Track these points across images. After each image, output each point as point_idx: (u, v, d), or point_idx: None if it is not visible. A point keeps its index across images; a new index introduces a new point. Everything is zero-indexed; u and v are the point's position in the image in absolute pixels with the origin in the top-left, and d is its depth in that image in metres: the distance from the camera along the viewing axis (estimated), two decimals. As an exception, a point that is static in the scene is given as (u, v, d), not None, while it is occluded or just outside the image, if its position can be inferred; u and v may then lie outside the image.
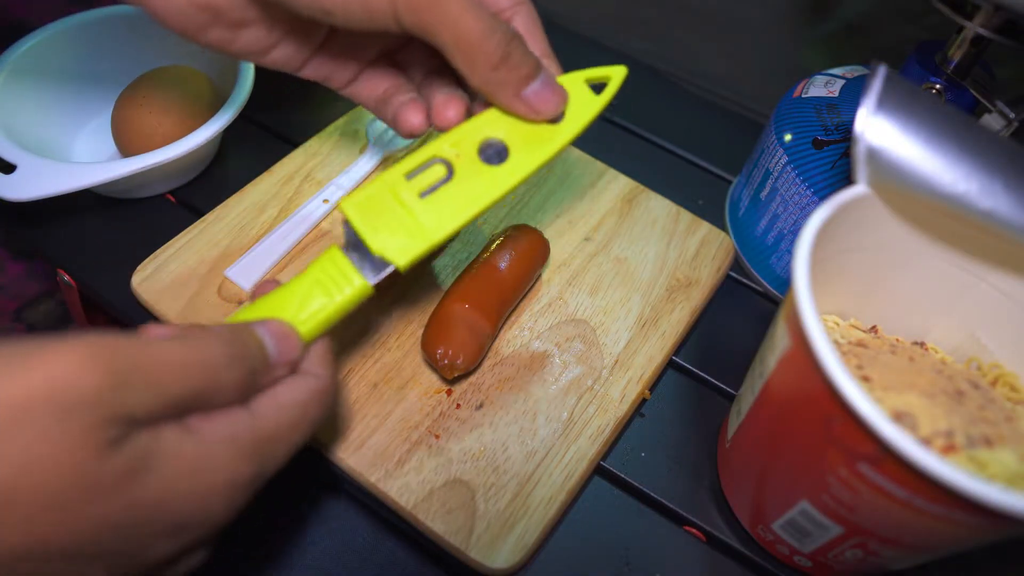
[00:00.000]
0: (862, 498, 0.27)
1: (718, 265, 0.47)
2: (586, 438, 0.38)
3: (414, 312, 0.41)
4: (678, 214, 0.49)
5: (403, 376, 0.39)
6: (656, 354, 0.42)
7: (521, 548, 0.34)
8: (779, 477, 0.32)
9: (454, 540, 0.33)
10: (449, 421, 0.37)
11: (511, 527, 0.34)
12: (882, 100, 0.30)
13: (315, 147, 0.49)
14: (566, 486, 0.36)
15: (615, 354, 0.41)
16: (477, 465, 0.36)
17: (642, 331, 0.42)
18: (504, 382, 0.39)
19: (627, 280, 0.45)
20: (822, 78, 0.46)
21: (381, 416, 0.37)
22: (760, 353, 0.33)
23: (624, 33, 0.67)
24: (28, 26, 0.46)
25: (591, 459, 0.37)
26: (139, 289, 0.40)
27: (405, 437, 0.36)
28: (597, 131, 0.57)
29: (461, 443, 0.36)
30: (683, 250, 0.47)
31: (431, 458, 0.36)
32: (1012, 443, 0.29)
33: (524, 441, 0.37)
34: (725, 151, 0.56)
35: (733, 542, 0.37)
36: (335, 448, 0.36)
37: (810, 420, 0.28)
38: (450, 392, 0.38)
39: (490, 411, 0.38)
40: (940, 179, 0.29)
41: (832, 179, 0.42)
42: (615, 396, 0.39)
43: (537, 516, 0.35)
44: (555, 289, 0.44)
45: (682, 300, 0.44)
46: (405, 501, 0.34)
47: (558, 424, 0.38)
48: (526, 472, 0.36)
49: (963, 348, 0.36)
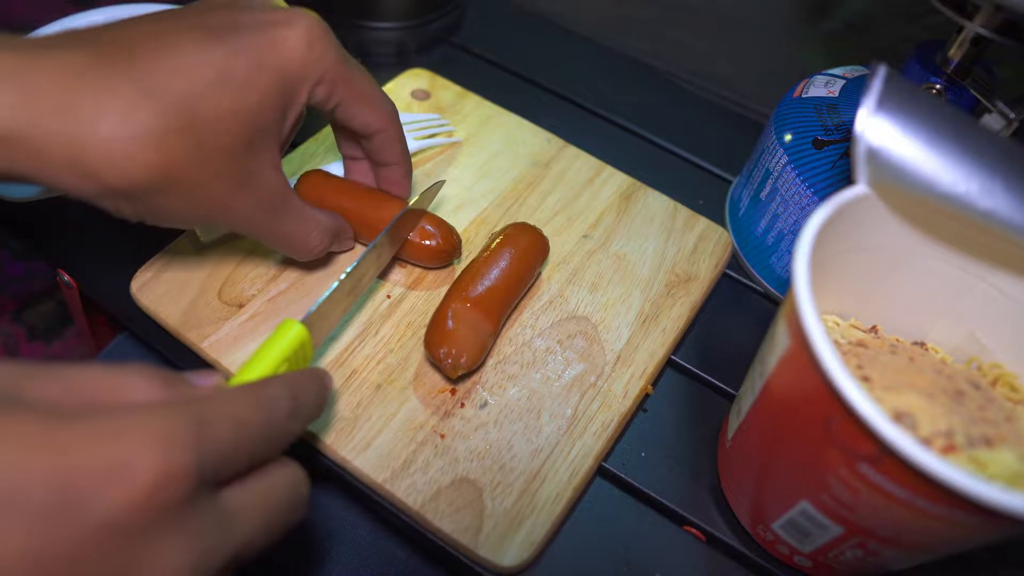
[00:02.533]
0: (862, 498, 0.27)
1: (716, 260, 0.47)
2: (591, 434, 0.38)
3: (415, 313, 0.41)
4: (676, 210, 0.49)
5: (406, 377, 0.39)
6: (657, 349, 0.42)
7: (529, 545, 0.34)
8: (779, 477, 0.32)
9: (462, 539, 0.33)
10: (454, 420, 0.37)
11: (519, 525, 0.34)
12: (882, 100, 0.30)
13: (312, 148, 0.49)
14: (572, 482, 0.36)
15: (617, 350, 0.41)
16: (483, 464, 0.36)
17: (643, 327, 0.43)
18: (508, 380, 0.39)
19: (627, 276, 0.45)
20: (822, 78, 0.46)
21: (386, 417, 0.37)
22: (760, 353, 0.33)
23: (624, 33, 0.67)
24: (28, 27, 0.46)
25: (596, 455, 0.37)
26: (138, 295, 0.40)
27: (411, 437, 0.36)
28: (597, 131, 0.57)
29: (467, 442, 0.37)
30: (681, 245, 0.47)
31: (437, 458, 0.36)
32: (1012, 443, 0.29)
33: (529, 439, 0.37)
34: (725, 151, 0.56)
35: (733, 542, 0.37)
36: (340, 450, 0.35)
37: (810, 420, 0.28)
38: (454, 391, 0.38)
39: (494, 409, 0.38)
40: (940, 179, 0.29)
41: (832, 179, 0.42)
42: (618, 392, 0.40)
43: (545, 513, 0.35)
44: (555, 286, 0.44)
45: (682, 295, 0.44)
46: (412, 501, 0.34)
47: (563, 421, 0.38)
48: (532, 469, 0.36)
49: (963, 348, 0.36)
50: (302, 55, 0.31)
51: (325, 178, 0.42)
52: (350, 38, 0.61)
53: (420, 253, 0.42)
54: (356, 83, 0.35)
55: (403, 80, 0.55)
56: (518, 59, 0.62)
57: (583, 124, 0.58)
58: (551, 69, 0.62)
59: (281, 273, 0.42)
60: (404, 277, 0.43)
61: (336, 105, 0.35)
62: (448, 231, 0.42)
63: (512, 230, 0.42)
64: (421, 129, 0.50)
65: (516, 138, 0.52)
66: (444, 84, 0.55)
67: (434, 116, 0.51)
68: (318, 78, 0.33)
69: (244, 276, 0.41)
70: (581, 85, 0.61)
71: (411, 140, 0.49)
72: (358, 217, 0.41)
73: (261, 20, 0.31)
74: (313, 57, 0.32)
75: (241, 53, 0.30)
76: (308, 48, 0.31)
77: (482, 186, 0.49)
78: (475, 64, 0.61)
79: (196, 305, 0.40)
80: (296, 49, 0.31)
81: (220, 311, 0.40)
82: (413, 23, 0.63)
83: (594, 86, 0.61)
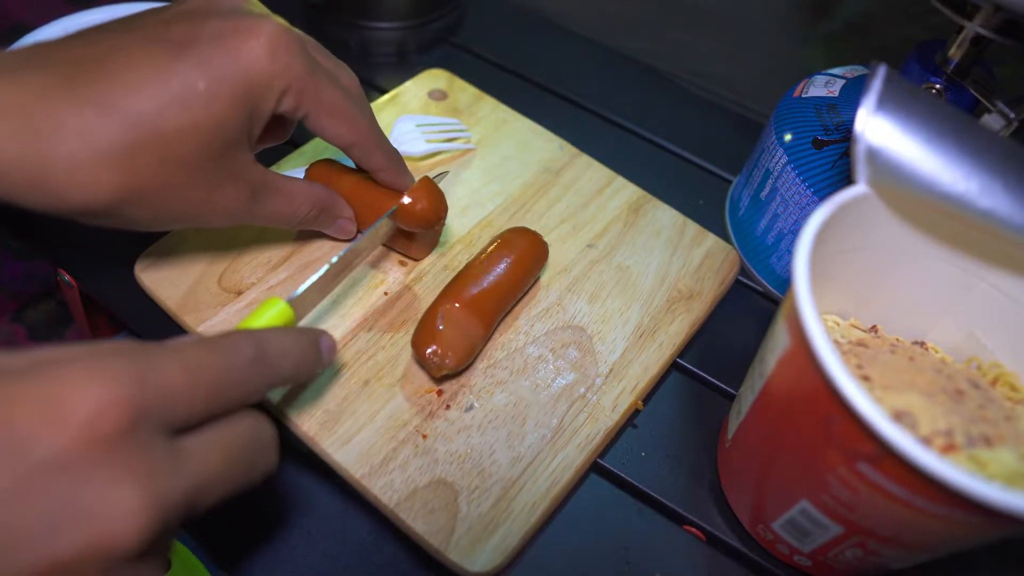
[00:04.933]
0: (862, 497, 0.27)
1: (722, 278, 0.46)
2: (574, 446, 0.37)
3: (410, 312, 0.41)
4: (684, 225, 0.48)
5: (395, 374, 0.39)
6: (652, 365, 0.41)
7: (501, 553, 0.33)
8: (779, 476, 0.32)
9: (434, 541, 0.33)
10: (438, 421, 0.37)
11: (492, 531, 0.34)
12: (882, 100, 0.30)
13: (311, 151, 0.49)
14: (551, 493, 0.35)
15: (610, 363, 0.41)
16: (463, 467, 0.36)
17: (639, 341, 0.42)
18: (496, 385, 0.39)
19: (628, 289, 0.44)
20: (822, 78, 0.46)
21: (370, 413, 0.37)
22: (760, 353, 0.33)
23: (624, 33, 0.67)
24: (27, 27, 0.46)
25: (578, 468, 0.37)
26: (141, 275, 0.40)
27: (392, 435, 0.36)
28: (597, 131, 0.58)
29: (448, 444, 0.36)
30: (687, 261, 0.46)
31: (417, 457, 0.36)
32: (1012, 442, 0.29)
33: (512, 445, 0.37)
34: (725, 151, 0.56)
35: (733, 541, 0.37)
36: (322, 442, 0.36)
37: (810, 419, 0.28)
38: (440, 393, 0.38)
39: (479, 414, 0.38)
40: (940, 179, 0.29)
41: (832, 179, 0.42)
42: (607, 405, 0.39)
43: (519, 521, 0.34)
44: (554, 294, 0.43)
45: (682, 312, 0.44)
46: (388, 499, 0.34)
47: (547, 430, 0.37)
48: (511, 477, 0.36)
49: (963, 348, 0.36)
50: (266, 65, 0.30)
51: (330, 167, 0.42)
52: (351, 38, 0.61)
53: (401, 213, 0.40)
54: (325, 95, 0.33)
55: (422, 80, 0.55)
56: (518, 59, 0.62)
57: (583, 124, 0.58)
58: (551, 69, 0.62)
59: (283, 263, 0.42)
60: (403, 276, 0.43)
61: (305, 116, 0.34)
62: (430, 192, 0.40)
63: (511, 234, 0.42)
64: (440, 132, 0.50)
65: (529, 144, 0.52)
66: (462, 86, 0.55)
67: (454, 121, 0.52)
68: (283, 88, 0.31)
69: (245, 264, 0.42)
70: (581, 85, 0.61)
71: (423, 142, 0.49)
72: (360, 205, 0.41)
73: (224, 29, 0.30)
74: (278, 67, 0.31)
75: (202, 66, 0.29)
76: (272, 58, 0.30)
77: (490, 189, 0.49)
78: (475, 64, 0.62)
79: (196, 290, 0.40)
80: (260, 59, 0.30)
81: (219, 297, 0.40)
82: (413, 23, 0.63)
83: (594, 86, 0.61)
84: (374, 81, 0.59)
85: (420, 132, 0.49)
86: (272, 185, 0.35)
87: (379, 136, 0.37)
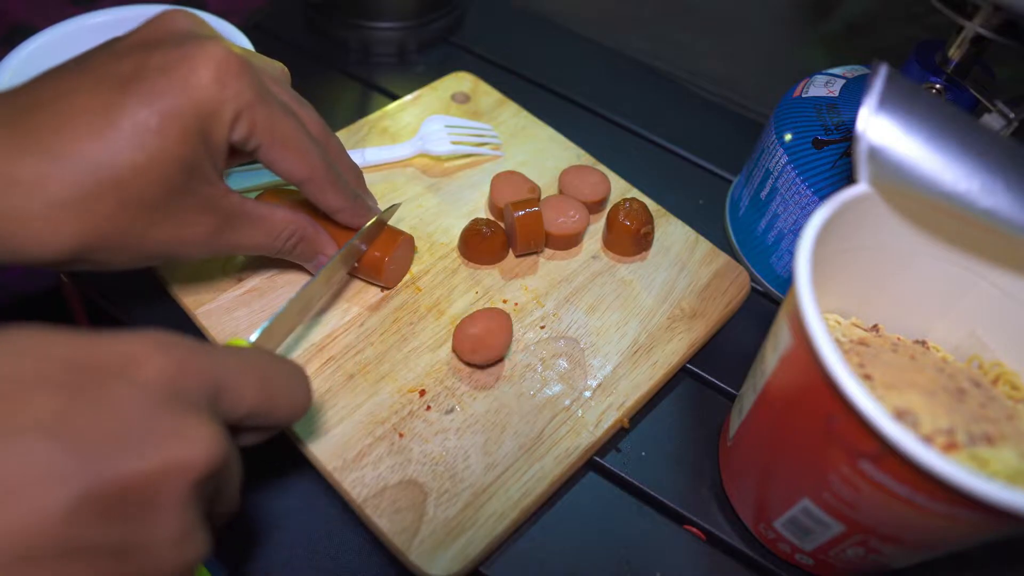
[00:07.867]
0: (864, 496, 0.27)
1: (728, 300, 0.45)
2: (551, 458, 0.36)
3: (403, 311, 0.41)
4: (696, 243, 0.47)
5: (380, 371, 0.39)
6: (643, 383, 0.40)
7: (463, 559, 0.33)
8: (781, 475, 0.32)
9: (397, 540, 0.33)
10: (416, 421, 0.37)
11: (456, 536, 0.33)
12: (884, 99, 0.30)
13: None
14: (521, 504, 0.35)
15: (600, 377, 0.40)
16: (435, 469, 0.35)
17: (633, 357, 0.41)
18: (479, 390, 0.39)
19: (628, 303, 0.43)
20: (822, 78, 0.46)
21: (351, 407, 0.37)
22: (761, 352, 0.33)
23: (624, 33, 0.67)
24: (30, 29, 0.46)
25: (552, 480, 0.36)
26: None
27: (369, 431, 0.36)
28: (597, 131, 0.58)
29: (424, 445, 0.36)
30: (694, 280, 0.45)
31: (390, 455, 0.35)
32: (1013, 441, 0.29)
33: (488, 452, 0.36)
34: (725, 151, 0.57)
35: (734, 541, 0.37)
36: (299, 431, 0.36)
37: (812, 418, 0.28)
38: (423, 393, 0.38)
39: (459, 417, 0.37)
40: (941, 178, 0.29)
41: (832, 179, 0.42)
42: (591, 420, 0.38)
43: (485, 530, 0.34)
44: (551, 304, 0.43)
45: (683, 331, 0.42)
46: (356, 494, 0.34)
47: (526, 440, 0.37)
48: (483, 484, 0.35)
49: (964, 346, 0.36)
50: (214, 93, 0.29)
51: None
52: (351, 38, 0.61)
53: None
54: (277, 125, 0.32)
55: (447, 82, 0.55)
56: (518, 59, 0.62)
57: (584, 124, 0.58)
58: (551, 69, 0.62)
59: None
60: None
61: (257, 148, 0.32)
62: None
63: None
64: (471, 135, 0.51)
65: (546, 151, 0.52)
66: (486, 90, 0.55)
67: (486, 126, 0.52)
68: (234, 114, 0.30)
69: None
70: (581, 85, 0.61)
71: (448, 143, 0.50)
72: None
73: (170, 60, 0.29)
74: (227, 94, 0.30)
75: (152, 102, 0.28)
76: (220, 86, 0.29)
77: None
78: (475, 64, 0.62)
79: (199, 273, 0.41)
80: (207, 88, 0.29)
81: (221, 282, 0.41)
82: (413, 23, 0.63)
83: (594, 86, 0.61)
84: (374, 81, 0.59)
85: (447, 132, 0.50)
86: (248, 215, 0.34)
87: (335, 175, 0.36)
